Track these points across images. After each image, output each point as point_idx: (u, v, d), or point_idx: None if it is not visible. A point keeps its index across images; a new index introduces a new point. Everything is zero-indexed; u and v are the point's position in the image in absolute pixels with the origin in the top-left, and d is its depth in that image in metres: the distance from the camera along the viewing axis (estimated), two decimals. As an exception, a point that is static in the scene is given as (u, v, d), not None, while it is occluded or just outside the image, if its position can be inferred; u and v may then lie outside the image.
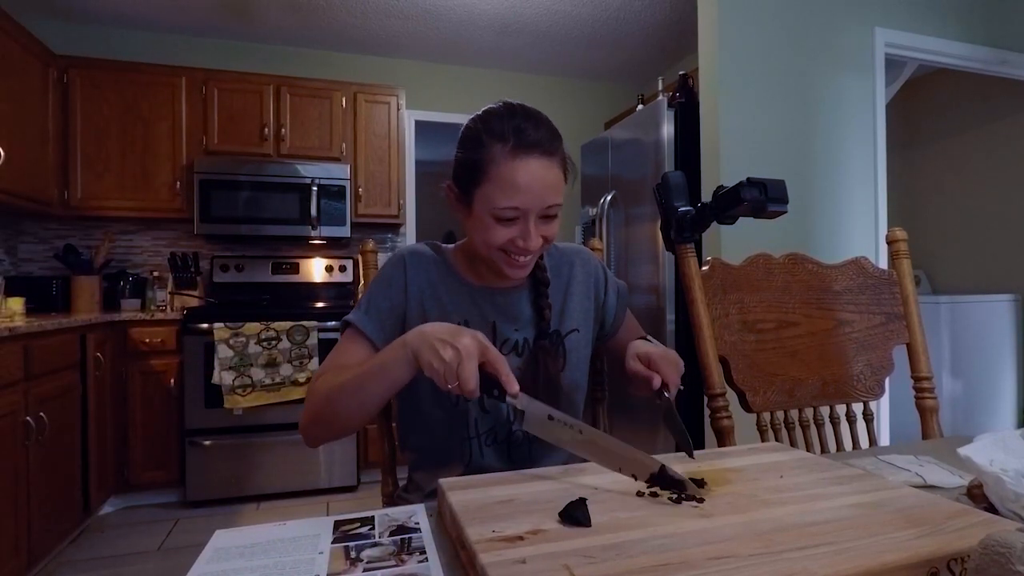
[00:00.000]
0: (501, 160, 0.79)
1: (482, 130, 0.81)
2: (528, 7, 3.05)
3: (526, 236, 0.81)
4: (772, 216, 0.88)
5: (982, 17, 2.72)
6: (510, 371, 0.69)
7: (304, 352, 2.73)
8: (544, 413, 0.68)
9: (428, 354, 0.68)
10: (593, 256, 1.03)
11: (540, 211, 0.81)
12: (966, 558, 0.46)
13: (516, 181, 0.78)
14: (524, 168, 0.78)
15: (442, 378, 0.67)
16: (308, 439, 0.83)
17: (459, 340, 0.67)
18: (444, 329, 0.70)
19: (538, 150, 0.79)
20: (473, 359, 0.66)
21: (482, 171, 0.80)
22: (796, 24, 2.35)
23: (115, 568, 2.10)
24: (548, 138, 0.81)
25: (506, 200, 0.79)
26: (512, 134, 0.79)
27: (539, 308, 0.92)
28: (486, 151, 0.80)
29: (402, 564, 0.51)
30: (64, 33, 3.10)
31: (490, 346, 0.69)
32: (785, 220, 0.96)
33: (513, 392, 0.68)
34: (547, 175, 0.80)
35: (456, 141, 0.87)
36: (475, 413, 0.89)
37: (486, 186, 0.80)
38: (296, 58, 3.48)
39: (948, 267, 3.61)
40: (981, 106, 3.41)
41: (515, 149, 0.78)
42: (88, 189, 2.86)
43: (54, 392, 2.07)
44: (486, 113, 0.84)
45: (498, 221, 0.81)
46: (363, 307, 0.88)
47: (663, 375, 0.79)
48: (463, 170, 0.83)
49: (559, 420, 0.68)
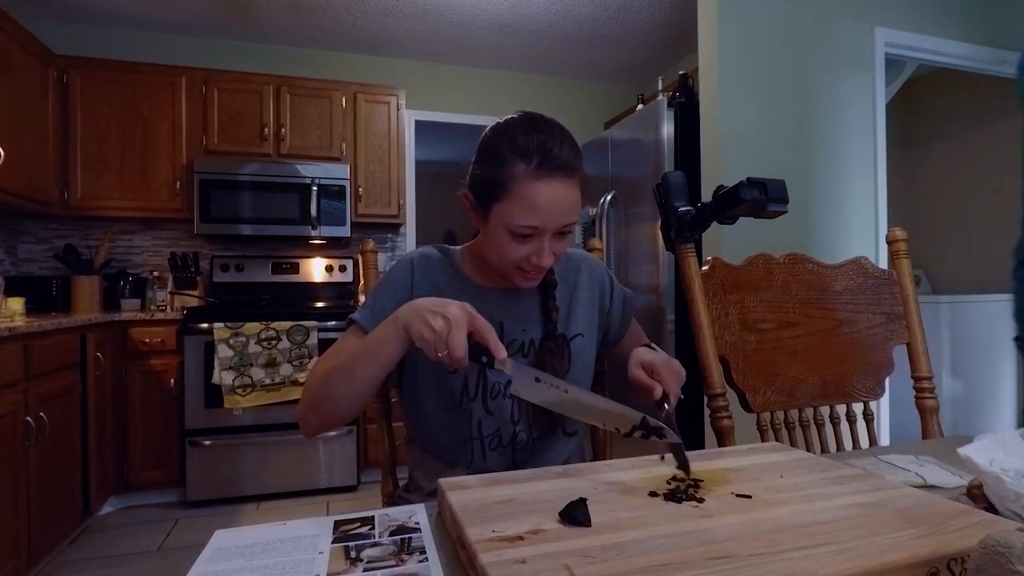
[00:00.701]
0: (523, 180, 0.78)
1: (505, 147, 0.80)
2: (528, 6, 3.05)
3: (540, 254, 0.81)
4: (772, 216, 0.88)
5: (982, 17, 2.72)
6: (498, 339, 0.70)
7: (304, 352, 2.73)
8: (531, 376, 0.70)
9: (418, 324, 0.70)
10: (600, 264, 1.03)
11: (556, 230, 0.81)
12: (966, 558, 0.46)
13: (537, 202, 0.78)
14: (546, 190, 0.78)
15: (432, 347, 0.69)
16: (304, 427, 0.83)
17: (447, 310, 0.69)
18: (433, 301, 0.72)
19: (561, 172, 0.79)
20: (462, 328, 0.68)
21: (503, 188, 0.79)
22: (796, 24, 2.35)
23: (115, 568, 2.10)
24: (571, 157, 0.80)
25: (525, 219, 0.79)
26: (536, 153, 0.78)
27: (546, 310, 0.93)
28: (509, 169, 0.79)
29: (402, 564, 0.51)
30: (64, 33, 3.10)
31: (477, 315, 0.70)
32: (785, 220, 0.96)
33: (501, 358, 0.69)
34: (567, 196, 0.80)
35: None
36: (479, 414, 0.89)
37: (505, 203, 0.79)
38: (296, 58, 3.48)
39: (948, 267, 3.61)
40: (981, 106, 3.41)
41: (538, 170, 0.78)
42: (88, 189, 2.86)
43: (54, 392, 2.07)
44: (508, 126, 0.83)
45: (513, 237, 0.81)
46: (368, 307, 0.89)
47: (664, 385, 0.79)
48: (482, 184, 0.82)
49: (546, 382, 0.70)
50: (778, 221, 0.95)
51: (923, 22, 2.59)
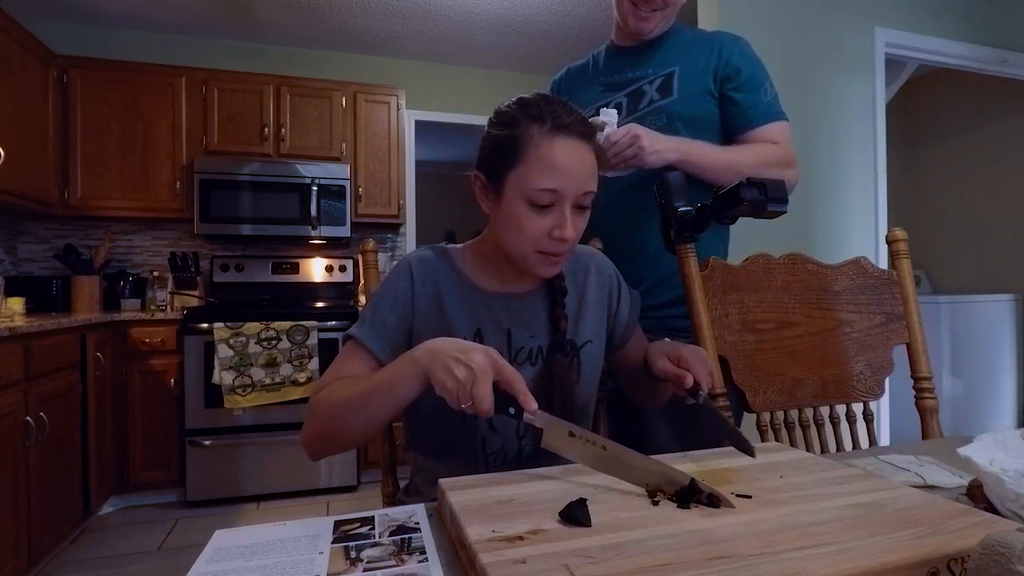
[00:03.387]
0: (539, 139, 0.76)
1: (519, 111, 0.79)
2: (528, 7, 3.05)
3: (562, 224, 0.77)
4: (772, 216, 0.88)
5: (982, 17, 2.72)
6: (526, 388, 0.66)
7: (304, 352, 2.73)
8: (565, 430, 0.65)
9: (440, 373, 0.65)
10: (609, 264, 0.99)
11: (576, 198, 0.78)
12: (966, 558, 0.46)
13: (555, 161, 0.76)
14: (564, 148, 0.76)
15: (455, 398, 0.64)
16: (311, 453, 0.80)
17: (472, 358, 0.64)
18: (455, 346, 0.67)
19: (576, 132, 0.78)
20: (488, 378, 0.63)
21: (518, 151, 0.77)
22: (796, 24, 2.35)
23: (115, 568, 2.10)
24: (583, 123, 0.80)
25: (544, 181, 0.76)
26: (550, 116, 0.77)
27: (554, 318, 0.89)
28: (523, 130, 0.77)
29: (402, 564, 0.51)
30: (64, 33, 3.10)
31: (504, 363, 0.66)
32: (785, 220, 0.96)
33: (531, 410, 0.65)
34: (585, 158, 0.78)
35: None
36: (483, 431, 0.86)
37: (522, 167, 0.77)
38: (296, 58, 3.48)
39: (948, 267, 3.61)
40: (981, 106, 3.41)
41: (553, 129, 0.77)
42: (88, 189, 2.86)
43: (54, 392, 2.07)
44: (520, 99, 0.82)
45: (532, 208, 0.77)
46: (367, 321, 0.84)
47: (694, 373, 0.77)
48: (495, 152, 0.80)
49: (580, 436, 0.65)
50: (778, 221, 0.95)
51: (923, 22, 2.59)
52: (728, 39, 1.25)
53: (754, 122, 1.21)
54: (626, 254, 1.17)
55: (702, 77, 1.21)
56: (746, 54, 1.24)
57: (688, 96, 1.21)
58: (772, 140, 1.21)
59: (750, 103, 1.21)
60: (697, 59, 1.23)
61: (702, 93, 1.21)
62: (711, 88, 1.22)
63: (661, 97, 1.22)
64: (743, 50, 1.24)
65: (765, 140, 1.21)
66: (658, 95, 1.22)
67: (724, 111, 1.23)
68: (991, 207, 3.37)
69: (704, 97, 1.22)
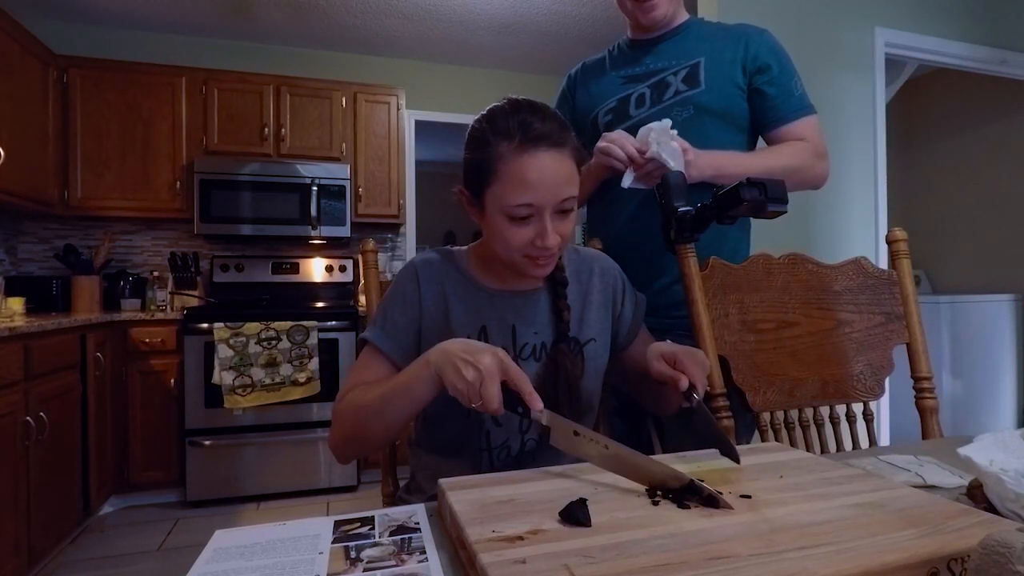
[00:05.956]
0: (509, 156, 0.76)
1: (487, 129, 0.79)
2: (528, 7, 3.05)
3: (543, 235, 0.78)
4: (772, 216, 0.88)
5: (982, 17, 2.72)
6: (532, 388, 0.68)
7: (304, 352, 2.72)
8: (570, 429, 0.67)
9: (451, 374, 0.69)
10: (614, 265, 1.00)
11: (555, 206, 0.78)
12: (966, 558, 0.46)
13: (526, 177, 0.76)
14: (533, 162, 0.76)
15: (465, 397, 0.68)
16: (339, 457, 0.85)
17: (480, 360, 0.67)
18: (464, 348, 0.70)
19: (546, 142, 0.77)
20: (495, 378, 0.67)
21: (491, 170, 0.78)
22: (796, 24, 2.35)
23: (115, 568, 2.10)
24: (556, 129, 0.79)
25: (518, 197, 0.76)
26: (518, 129, 0.77)
27: (557, 310, 0.90)
28: (492, 149, 0.78)
29: (402, 564, 0.51)
30: (64, 33, 3.10)
31: (511, 364, 0.69)
32: (785, 220, 0.96)
33: (538, 409, 0.68)
34: (559, 167, 0.77)
35: (462, 144, 0.86)
36: (488, 425, 0.87)
37: (496, 186, 0.78)
38: (296, 58, 3.48)
39: (948, 267, 3.61)
40: (981, 106, 3.41)
41: (522, 144, 0.76)
42: (88, 189, 2.86)
43: (54, 392, 2.07)
44: (490, 112, 0.82)
45: (512, 221, 0.78)
46: (379, 323, 0.87)
47: (689, 375, 0.77)
48: (472, 172, 0.81)
49: (585, 435, 0.66)
50: (778, 221, 0.95)
51: (923, 22, 2.59)
52: (755, 31, 1.23)
53: (787, 117, 1.19)
54: (643, 266, 1.14)
55: (729, 69, 1.19)
56: (776, 47, 1.22)
57: (716, 88, 1.18)
58: (803, 135, 1.19)
59: (782, 97, 1.19)
60: (723, 51, 1.20)
61: (730, 86, 1.19)
62: (739, 82, 1.19)
63: (688, 88, 1.19)
64: (772, 43, 1.22)
65: (797, 135, 1.19)
66: (684, 85, 1.19)
67: (754, 104, 1.21)
68: (991, 207, 3.37)
69: (732, 90, 1.19)
